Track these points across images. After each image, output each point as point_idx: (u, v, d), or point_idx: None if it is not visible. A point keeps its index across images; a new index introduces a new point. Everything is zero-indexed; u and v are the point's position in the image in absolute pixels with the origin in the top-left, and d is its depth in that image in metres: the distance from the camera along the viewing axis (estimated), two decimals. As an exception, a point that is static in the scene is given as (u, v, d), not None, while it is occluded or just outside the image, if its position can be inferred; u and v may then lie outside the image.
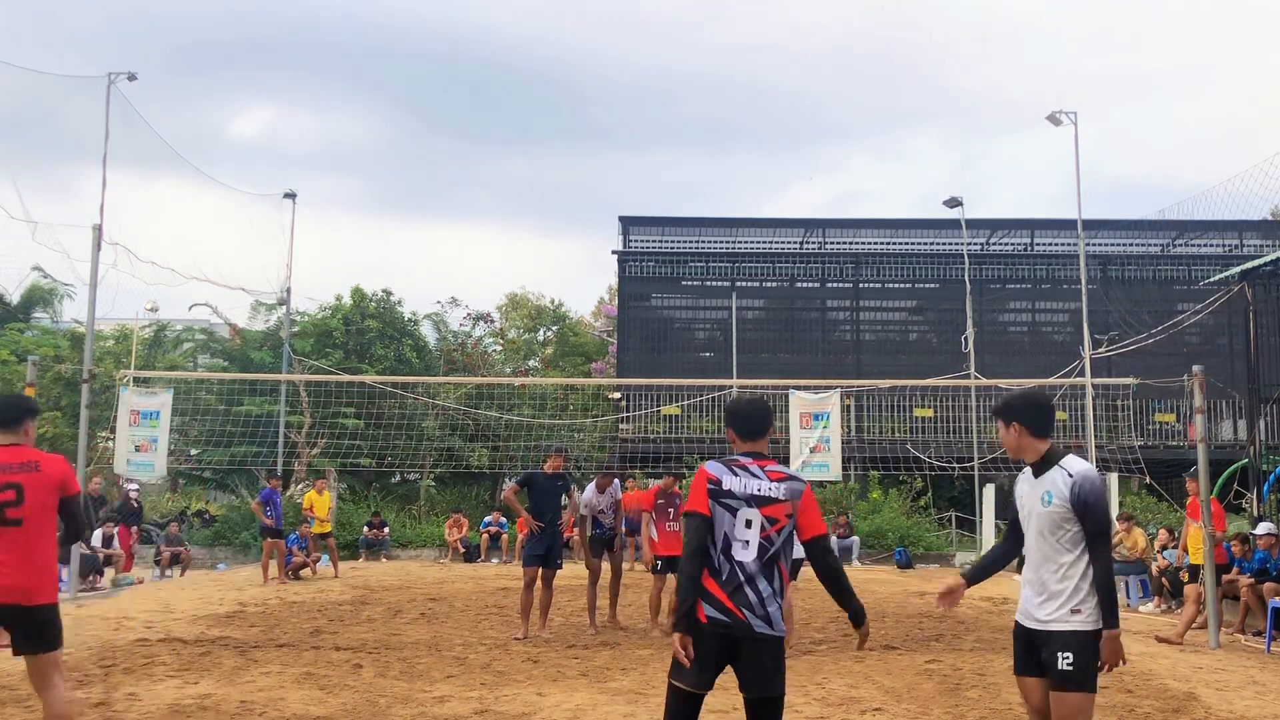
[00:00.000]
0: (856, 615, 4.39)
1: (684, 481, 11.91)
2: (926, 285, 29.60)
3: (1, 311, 28.56)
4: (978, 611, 13.16)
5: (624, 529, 13.03)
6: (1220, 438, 24.33)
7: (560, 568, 10.88)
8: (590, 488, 11.65)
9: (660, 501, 10.96)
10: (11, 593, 4.99)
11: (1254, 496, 15.13)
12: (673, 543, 10.47)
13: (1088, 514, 4.25)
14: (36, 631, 5.09)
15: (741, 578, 4.13)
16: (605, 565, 11.48)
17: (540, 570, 10.52)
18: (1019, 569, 18.35)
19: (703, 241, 30.76)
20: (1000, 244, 30.35)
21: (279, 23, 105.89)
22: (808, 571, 10.48)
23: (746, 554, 4.15)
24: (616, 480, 11.90)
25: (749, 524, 4.17)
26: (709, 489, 4.23)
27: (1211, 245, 29.64)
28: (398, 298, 29.11)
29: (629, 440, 25.85)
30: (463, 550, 21.13)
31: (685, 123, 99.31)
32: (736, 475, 4.24)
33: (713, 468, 4.29)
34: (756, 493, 4.21)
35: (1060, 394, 22.22)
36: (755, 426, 4.42)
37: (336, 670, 8.42)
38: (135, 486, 19.47)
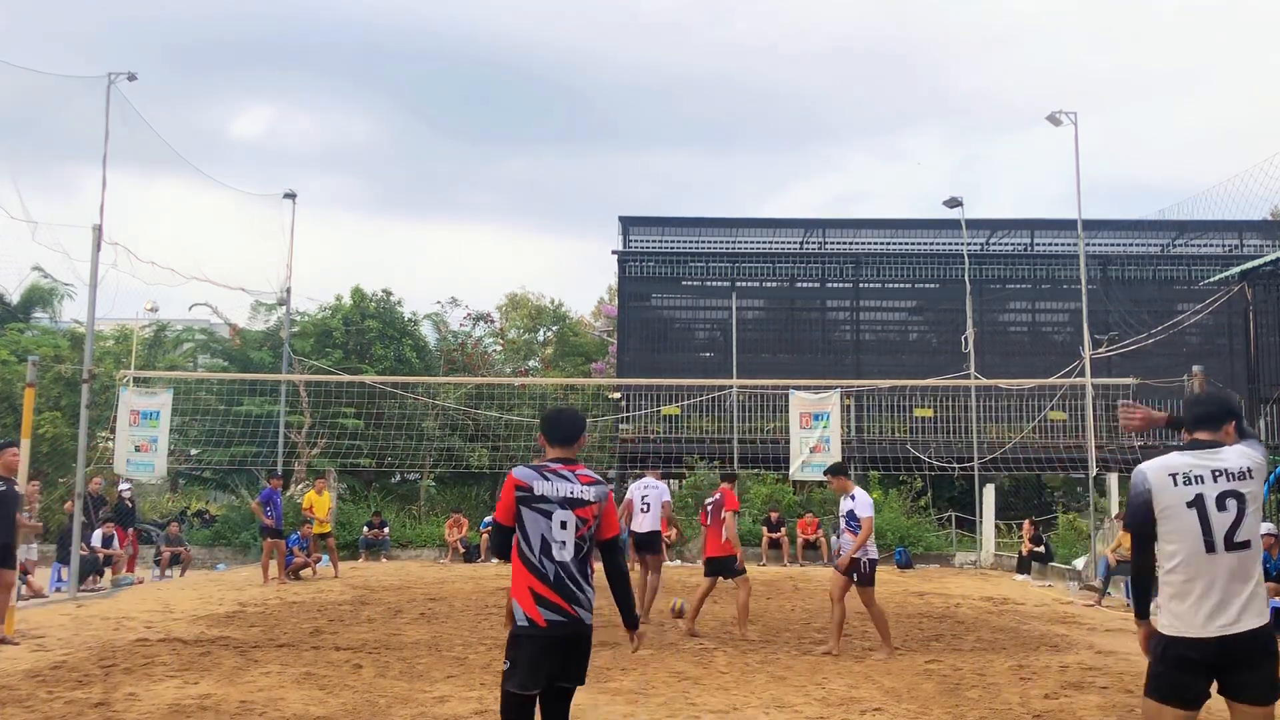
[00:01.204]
0: (629, 620, 4.69)
1: (736, 484, 11.96)
2: (926, 285, 29.60)
3: (1, 311, 28.54)
4: (978, 611, 13.16)
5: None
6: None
7: None
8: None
9: (707, 504, 11.13)
10: None
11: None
12: (716, 544, 10.74)
13: None
14: None
15: (567, 578, 4.34)
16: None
17: None
18: (1018, 569, 18.30)
19: (703, 241, 30.76)
20: (1000, 244, 30.35)
21: (279, 23, 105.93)
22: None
23: (565, 553, 4.36)
24: (646, 479, 12.36)
25: (564, 525, 4.38)
26: (517, 496, 4.40)
27: (1211, 245, 29.63)
28: (398, 298, 29.14)
29: (629, 440, 25.84)
30: (463, 550, 21.13)
31: (685, 123, 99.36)
32: (548, 480, 4.43)
33: (521, 474, 4.46)
34: (569, 495, 4.42)
35: (1060, 394, 22.24)
36: (565, 434, 4.65)
37: (336, 670, 8.42)
38: (128, 486, 19.43)
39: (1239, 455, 4.03)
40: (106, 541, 16.76)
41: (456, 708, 7.04)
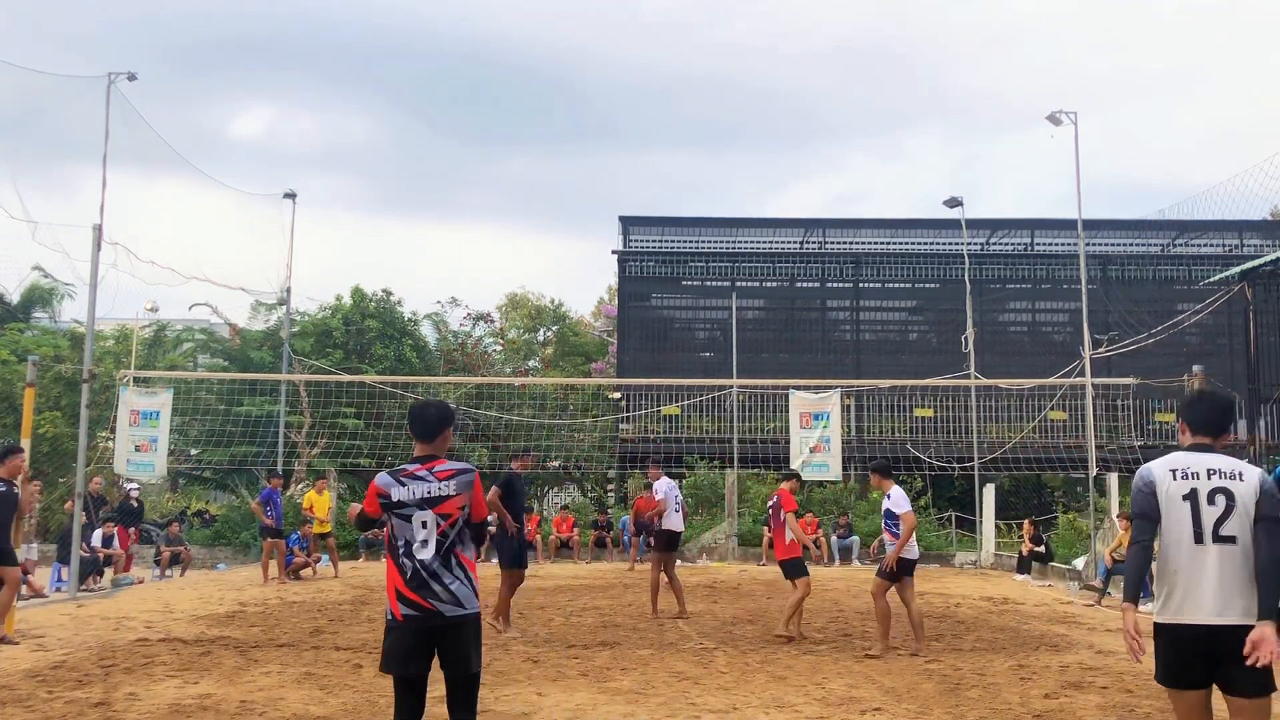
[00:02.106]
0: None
1: (796, 484, 11.72)
2: (926, 285, 29.60)
3: (1, 311, 28.55)
4: (978, 611, 13.16)
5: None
6: (1220, 438, 24.28)
7: (525, 567, 11.11)
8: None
9: (769, 507, 11.04)
10: None
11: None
12: (782, 546, 10.55)
13: None
14: None
15: (425, 574, 4.57)
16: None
17: (520, 571, 10.80)
18: (1018, 569, 18.31)
19: (703, 241, 30.76)
20: (1000, 244, 30.36)
21: (279, 23, 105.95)
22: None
23: (426, 552, 4.58)
24: (669, 480, 12.24)
25: (424, 525, 4.60)
26: (380, 504, 4.69)
27: (1211, 245, 29.64)
28: (398, 298, 29.16)
29: (629, 440, 25.84)
30: (463, 550, 21.12)
31: (685, 123, 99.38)
32: (404, 485, 4.66)
33: (382, 481, 4.69)
34: (427, 495, 4.63)
35: (1060, 394, 22.24)
36: (424, 429, 4.79)
37: (336, 670, 8.42)
38: (135, 486, 19.47)
39: (1232, 461, 4.29)
40: (106, 541, 16.76)
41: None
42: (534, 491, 27.52)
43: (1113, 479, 18.80)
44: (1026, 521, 19.68)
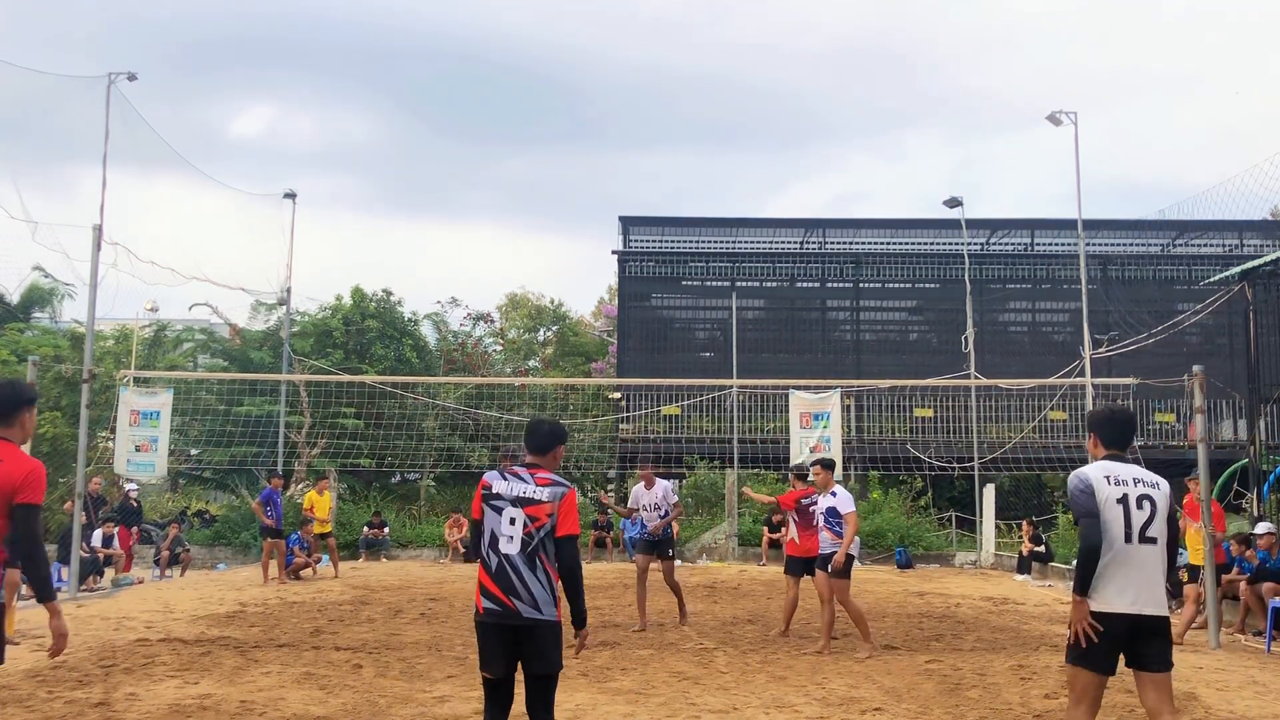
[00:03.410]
0: (578, 618, 4.95)
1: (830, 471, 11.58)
2: (926, 285, 29.60)
3: (1, 311, 28.54)
4: (978, 611, 13.16)
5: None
6: (1220, 438, 24.32)
7: None
8: (638, 486, 11.44)
9: (801, 503, 10.73)
10: None
11: (1254, 496, 15.13)
12: (805, 544, 10.46)
13: None
14: None
15: (509, 569, 4.77)
16: (655, 566, 11.20)
17: None
18: (1018, 569, 18.25)
19: (703, 241, 30.75)
20: (1000, 244, 30.35)
21: (279, 23, 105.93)
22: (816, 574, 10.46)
23: (511, 547, 4.78)
24: (664, 481, 11.35)
25: (513, 521, 4.83)
26: (482, 494, 4.95)
27: (1211, 245, 29.64)
28: (398, 298, 29.13)
29: (629, 440, 25.84)
30: (463, 550, 21.12)
31: (685, 123, 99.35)
32: (506, 480, 4.94)
33: (489, 475, 5.01)
34: (521, 494, 4.88)
35: (1060, 394, 22.23)
36: (537, 443, 5.12)
37: (336, 670, 8.42)
38: (135, 486, 19.47)
39: (1147, 471, 4.92)
40: (106, 541, 16.76)
41: (457, 707, 7.04)
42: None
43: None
44: (1025, 522, 19.68)
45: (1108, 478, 4.81)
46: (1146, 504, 4.76)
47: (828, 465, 10.17)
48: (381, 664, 8.75)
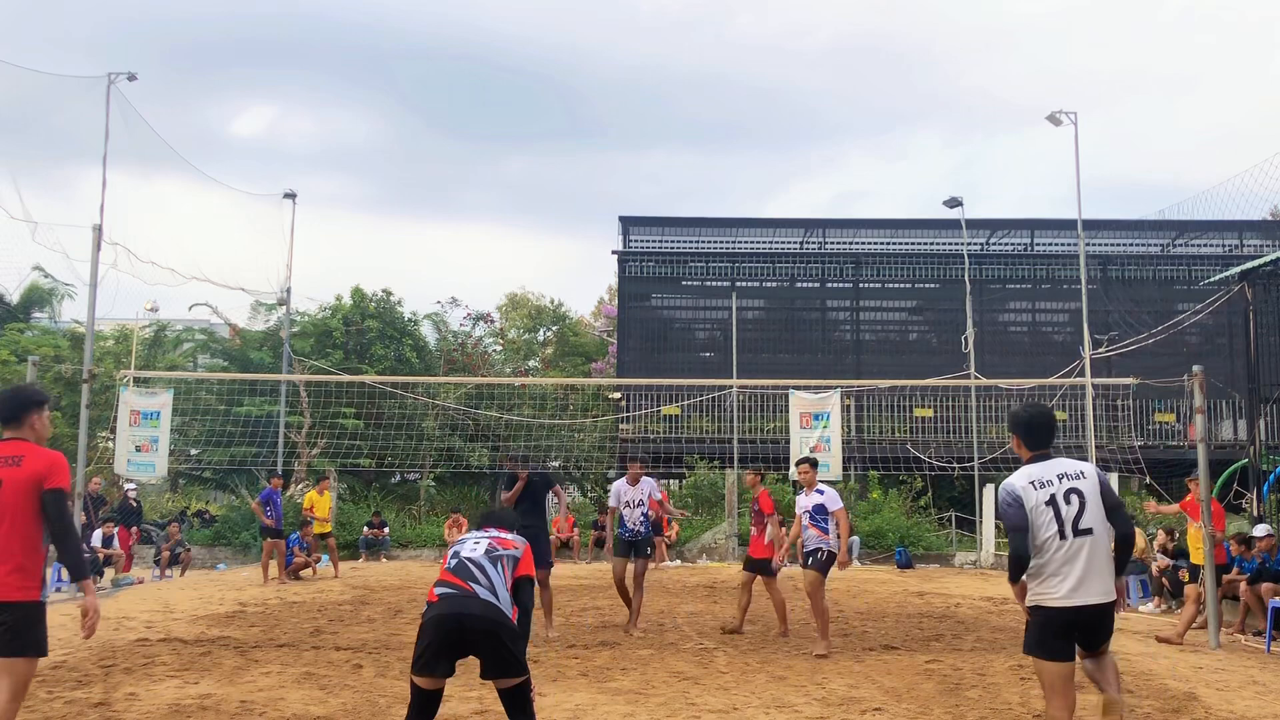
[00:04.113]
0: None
1: (766, 478, 11.67)
2: (926, 285, 29.59)
3: (1, 311, 28.54)
4: (978, 611, 13.16)
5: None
6: (1220, 438, 24.33)
7: (551, 566, 10.79)
8: (620, 481, 11.20)
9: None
10: None
11: (1254, 496, 15.13)
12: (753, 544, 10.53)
13: None
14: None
15: (470, 564, 5.13)
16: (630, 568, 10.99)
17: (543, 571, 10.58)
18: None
19: (703, 241, 30.75)
20: (1000, 244, 30.34)
21: (280, 23, 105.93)
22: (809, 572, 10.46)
23: (475, 551, 5.20)
24: (649, 479, 11.15)
25: (478, 542, 5.31)
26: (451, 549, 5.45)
27: (1211, 245, 29.63)
28: (398, 298, 29.14)
29: (629, 440, 25.83)
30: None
31: (685, 123, 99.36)
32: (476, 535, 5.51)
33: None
34: (490, 535, 5.45)
35: (1060, 394, 22.23)
36: (505, 519, 5.73)
37: (336, 670, 8.42)
38: (134, 486, 19.46)
39: (1071, 462, 5.11)
40: (106, 541, 16.76)
41: (456, 707, 7.04)
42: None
43: (1113, 479, 18.78)
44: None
45: (1033, 483, 5.02)
46: (1075, 497, 4.97)
47: (814, 464, 10.19)
48: (381, 664, 8.75)
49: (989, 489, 21.73)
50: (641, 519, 10.90)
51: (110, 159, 15.49)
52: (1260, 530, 11.85)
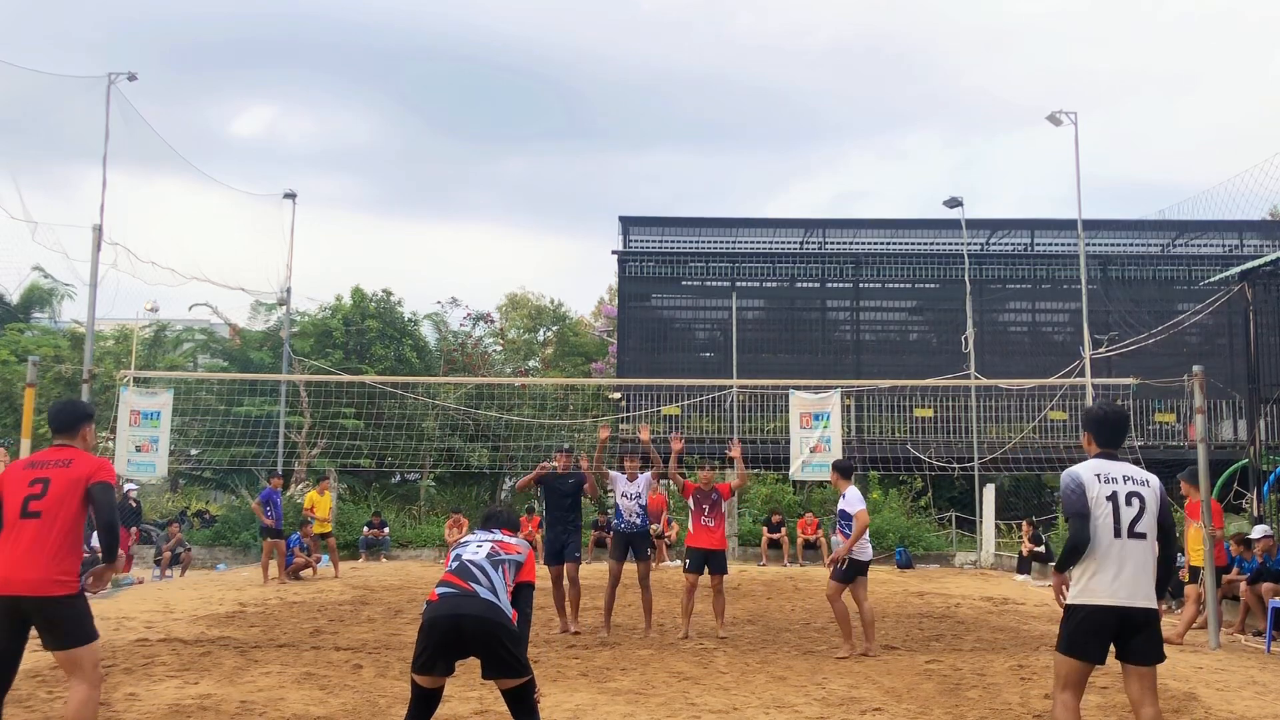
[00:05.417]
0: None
1: (726, 473, 11.68)
2: (926, 285, 29.57)
3: (2, 311, 28.54)
4: (978, 612, 13.16)
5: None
6: (1220, 438, 24.31)
7: (579, 561, 10.88)
8: (616, 473, 11.19)
9: (698, 494, 10.69)
10: (21, 585, 5.09)
11: (1254, 496, 15.13)
12: (704, 537, 10.51)
13: None
14: (48, 625, 5.20)
15: (472, 566, 5.20)
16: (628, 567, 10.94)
17: (564, 566, 10.69)
18: (1018, 569, 18.31)
19: (703, 241, 30.72)
20: (1000, 244, 30.33)
21: (280, 23, 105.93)
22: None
23: (478, 554, 5.27)
24: (645, 475, 11.06)
25: (480, 544, 5.41)
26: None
27: (1211, 245, 29.60)
28: (398, 298, 29.15)
29: (629, 440, 25.82)
30: (463, 550, 21.12)
31: (685, 123, 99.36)
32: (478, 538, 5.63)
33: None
34: (493, 538, 5.53)
35: (1060, 394, 22.23)
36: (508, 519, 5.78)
37: (336, 670, 8.42)
38: (134, 486, 19.45)
39: (1138, 469, 5.13)
40: (106, 541, 16.73)
41: (456, 707, 7.04)
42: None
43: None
44: (1025, 522, 19.67)
45: (1098, 475, 5.02)
46: (1136, 500, 4.97)
47: (836, 467, 10.13)
48: (381, 664, 8.75)
49: (989, 489, 21.74)
50: (638, 511, 10.96)
51: (110, 159, 15.53)
52: (1258, 532, 11.85)
